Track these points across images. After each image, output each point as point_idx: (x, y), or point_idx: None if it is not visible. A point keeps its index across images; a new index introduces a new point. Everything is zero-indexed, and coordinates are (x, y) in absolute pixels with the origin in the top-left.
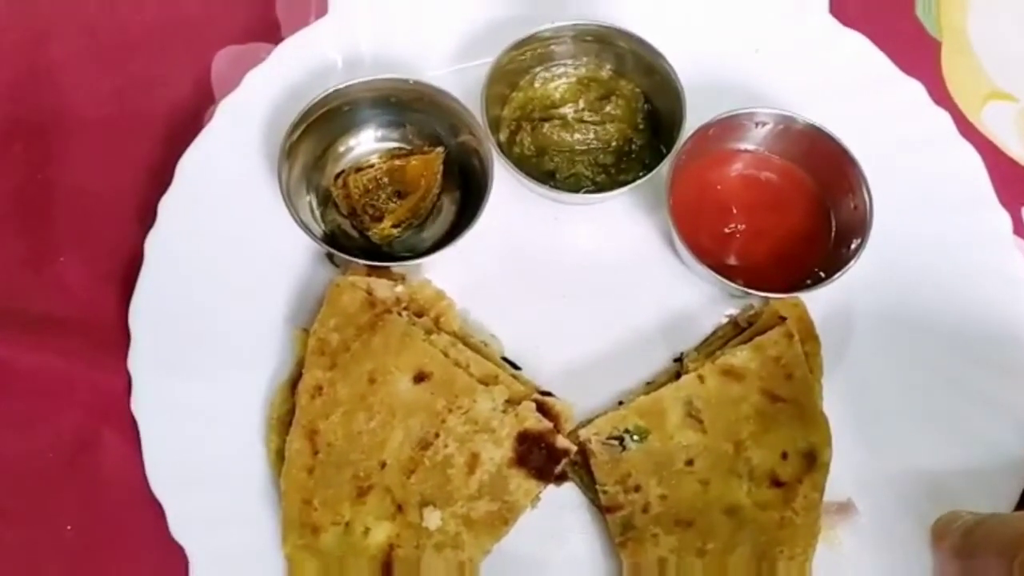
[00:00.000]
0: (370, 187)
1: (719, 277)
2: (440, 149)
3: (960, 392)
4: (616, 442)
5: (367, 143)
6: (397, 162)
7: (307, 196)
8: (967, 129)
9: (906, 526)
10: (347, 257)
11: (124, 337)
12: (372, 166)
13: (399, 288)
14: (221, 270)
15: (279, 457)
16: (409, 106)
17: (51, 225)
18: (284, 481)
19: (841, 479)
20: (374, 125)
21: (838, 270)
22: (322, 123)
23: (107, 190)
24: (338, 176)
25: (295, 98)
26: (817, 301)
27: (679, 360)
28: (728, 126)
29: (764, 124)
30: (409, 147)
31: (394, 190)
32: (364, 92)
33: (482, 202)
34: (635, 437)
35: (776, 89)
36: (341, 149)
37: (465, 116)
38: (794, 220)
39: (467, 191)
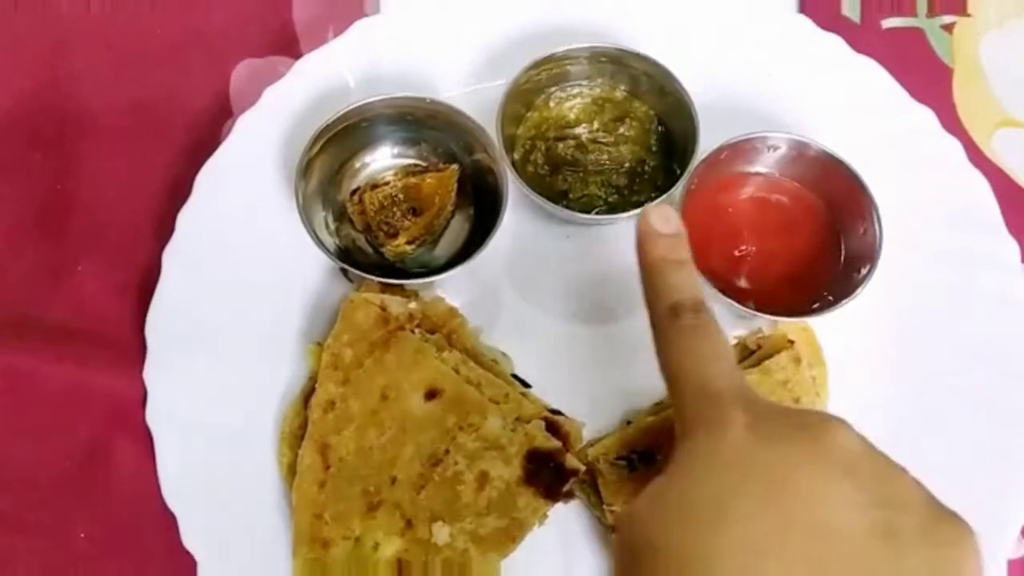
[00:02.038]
0: (385, 204)
1: (729, 299)
2: (455, 167)
3: (969, 419)
4: (624, 462)
5: (383, 159)
6: (412, 179)
7: (322, 211)
8: (977, 156)
9: None
10: (361, 273)
11: (140, 348)
12: (387, 183)
13: (412, 305)
14: (237, 283)
15: (291, 471)
16: (425, 124)
17: (69, 235)
18: (295, 495)
19: None
20: (390, 142)
21: (847, 295)
22: (340, 139)
23: (125, 201)
24: (354, 192)
25: (312, 114)
26: (825, 325)
27: None
28: (741, 149)
29: (776, 148)
30: (424, 164)
31: (409, 207)
32: (382, 109)
33: (496, 220)
34: (643, 458)
35: (787, 113)
36: (357, 165)
37: (480, 135)
38: (804, 244)
39: (480, 209)
